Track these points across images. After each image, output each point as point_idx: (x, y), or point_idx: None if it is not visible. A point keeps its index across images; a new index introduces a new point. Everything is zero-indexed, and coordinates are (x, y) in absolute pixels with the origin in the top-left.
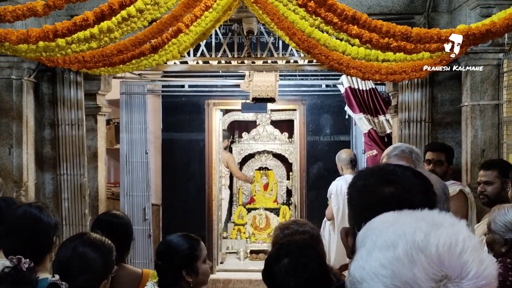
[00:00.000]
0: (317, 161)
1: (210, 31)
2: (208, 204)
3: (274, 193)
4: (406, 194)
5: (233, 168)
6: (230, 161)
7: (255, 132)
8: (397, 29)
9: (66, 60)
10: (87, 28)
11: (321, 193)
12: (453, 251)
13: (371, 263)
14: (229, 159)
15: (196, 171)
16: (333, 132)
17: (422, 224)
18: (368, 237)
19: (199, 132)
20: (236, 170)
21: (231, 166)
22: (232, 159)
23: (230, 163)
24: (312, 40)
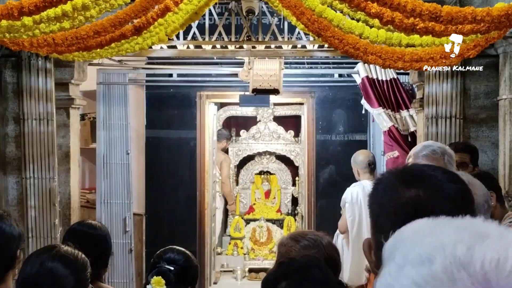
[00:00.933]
0: (328, 164)
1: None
2: (199, 214)
3: (277, 201)
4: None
5: (224, 172)
6: (224, 163)
7: (255, 130)
8: (424, 7)
9: (33, 43)
10: (58, 4)
11: (333, 202)
12: (501, 268)
13: (402, 280)
14: (225, 160)
15: (185, 176)
16: (347, 130)
17: (464, 235)
18: (398, 249)
19: (190, 129)
20: (225, 175)
21: (223, 168)
22: (228, 162)
23: (223, 165)
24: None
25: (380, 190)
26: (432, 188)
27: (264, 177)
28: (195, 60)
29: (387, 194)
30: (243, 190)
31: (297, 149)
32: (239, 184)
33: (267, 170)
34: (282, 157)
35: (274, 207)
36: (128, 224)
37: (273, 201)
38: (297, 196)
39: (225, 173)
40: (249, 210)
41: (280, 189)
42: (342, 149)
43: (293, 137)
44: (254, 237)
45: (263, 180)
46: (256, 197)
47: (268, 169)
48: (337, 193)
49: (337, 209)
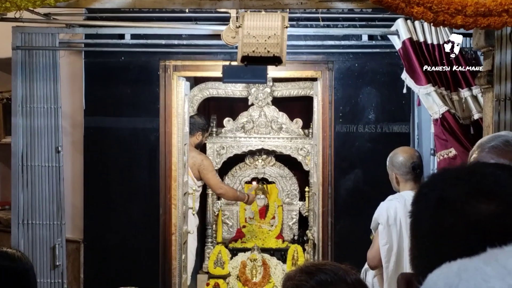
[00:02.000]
0: (353, 168)
1: None
2: (164, 240)
3: (277, 222)
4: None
5: (211, 179)
6: (204, 167)
7: (246, 118)
8: None
9: None
10: None
11: (360, 223)
12: None
13: None
14: (203, 164)
15: (143, 184)
16: (381, 118)
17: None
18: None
19: (150, 116)
20: (215, 182)
21: (205, 175)
22: (207, 164)
23: (204, 171)
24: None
25: (433, 199)
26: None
27: (259, 188)
28: (158, 15)
29: (446, 208)
30: (228, 207)
31: (307, 146)
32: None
33: (263, 177)
34: (285, 158)
35: (273, 230)
36: (58, 255)
37: (272, 222)
38: (307, 215)
39: (213, 180)
40: (236, 235)
41: (282, 205)
42: (374, 146)
43: (301, 128)
44: (244, 275)
45: (257, 191)
46: (246, 217)
47: (265, 175)
48: (366, 210)
49: (365, 234)
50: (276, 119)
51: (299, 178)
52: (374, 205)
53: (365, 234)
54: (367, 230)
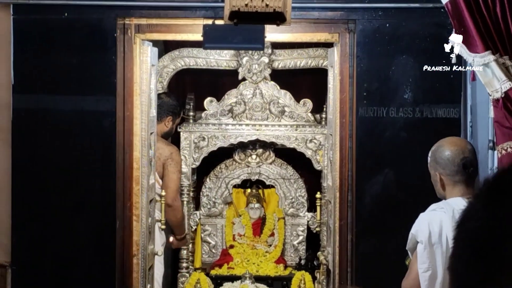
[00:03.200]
0: (382, 167)
1: None
2: (121, 265)
3: (278, 241)
4: None
5: (172, 182)
6: (171, 163)
7: (236, 98)
8: None
9: None
10: None
11: (390, 242)
12: None
13: None
14: (171, 158)
15: (94, 188)
16: (420, 98)
17: None
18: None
19: (103, 95)
20: (174, 189)
21: (169, 173)
22: (177, 161)
23: (169, 168)
24: None
25: (500, 215)
26: None
27: (252, 194)
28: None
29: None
30: (210, 219)
31: (319, 136)
32: (202, 207)
33: (258, 180)
34: (289, 154)
35: (271, 252)
36: None
37: (271, 240)
38: (318, 231)
39: (172, 183)
40: (221, 258)
41: (284, 218)
42: (410, 136)
43: (310, 112)
44: None
45: (250, 198)
46: (235, 233)
47: (261, 176)
48: (400, 225)
49: (399, 257)
50: (277, 99)
51: (308, 181)
52: (411, 217)
53: (399, 257)
54: (402, 251)
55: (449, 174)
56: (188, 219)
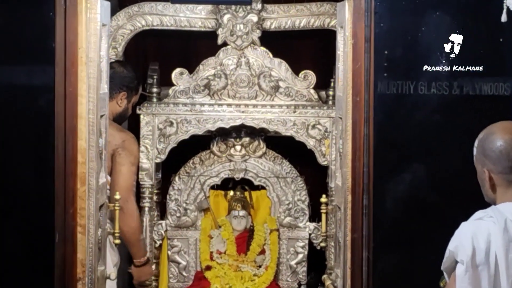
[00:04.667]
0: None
1: None
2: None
3: (269, 260)
4: None
5: (123, 176)
6: (121, 153)
7: (214, 70)
8: None
9: None
10: None
11: (420, 260)
12: None
13: None
14: (122, 147)
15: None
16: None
17: None
18: None
19: (38, 64)
20: (127, 187)
21: (118, 166)
22: (131, 150)
23: (119, 159)
24: None
25: None
26: None
27: (236, 197)
28: None
29: None
30: (179, 232)
31: (325, 121)
32: (169, 215)
33: (244, 179)
34: (285, 144)
35: (261, 276)
36: None
37: (260, 259)
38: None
39: (123, 179)
40: (194, 284)
41: (279, 229)
42: (448, 119)
43: (312, 88)
44: None
45: (233, 203)
46: (214, 250)
47: (248, 174)
48: (434, 237)
49: (432, 278)
50: (269, 71)
51: (310, 180)
52: (447, 227)
53: (431, 280)
54: (434, 272)
55: (501, 171)
56: (151, 231)
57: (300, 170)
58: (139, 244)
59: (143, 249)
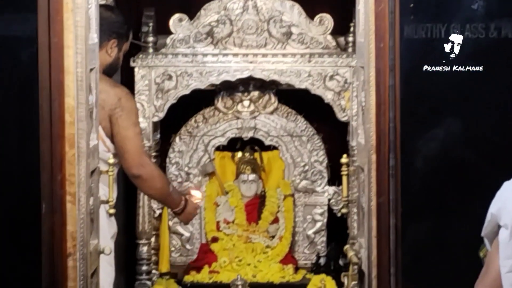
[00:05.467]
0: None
1: None
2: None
3: (284, 230)
4: None
5: (130, 140)
6: (121, 112)
7: (218, 15)
8: None
9: None
10: None
11: (456, 227)
12: None
13: None
14: (119, 105)
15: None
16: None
17: None
18: None
19: (18, 12)
20: (136, 148)
21: (121, 129)
22: (129, 108)
23: (119, 120)
24: None
25: None
26: None
27: (245, 159)
28: None
29: None
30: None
31: (344, 71)
32: (169, 180)
33: (253, 138)
34: (299, 98)
35: (275, 247)
36: None
37: (273, 229)
38: (345, 213)
39: (131, 143)
40: (199, 258)
41: (294, 195)
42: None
43: (329, 34)
44: None
45: (242, 166)
46: (221, 219)
47: (258, 134)
48: (470, 200)
49: (468, 247)
50: (279, 15)
51: (329, 139)
52: (487, 189)
53: (467, 249)
54: (472, 240)
55: None
56: (148, 199)
57: (317, 128)
58: (170, 198)
59: (176, 198)
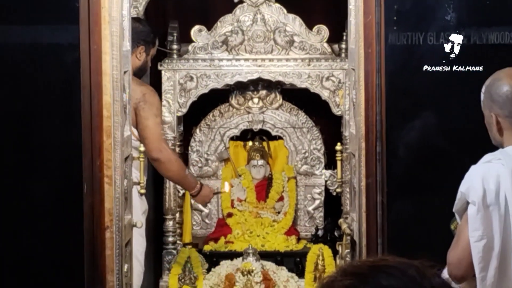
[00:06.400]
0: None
1: None
2: (91, 240)
3: (288, 207)
4: None
5: (150, 129)
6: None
7: (231, 26)
8: None
9: None
10: None
11: (432, 203)
12: None
13: None
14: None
15: (54, 143)
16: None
17: None
18: None
19: (63, 23)
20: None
21: (143, 119)
22: (152, 102)
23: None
24: None
25: None
26: None
27: (254, 147)
28: None
29: None
30: (201, 181)
31: (338, 73)
32: (191, 165)
33: (262, 130)
34: (301, 96)
35: (280, 221)
36: None
37: (279, 206)
38: (340, 192)
39: (150, 132)
40: (217, 231)
41: (296, 177)
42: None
43: (326, 42)
44: None
45: (252, 153)
46: (235, 198)
47: (265, 125)
48: (444, 182)
49: (443, 221)
50: (283, 26)
51: (325, 130)
52: (458, 171)
53: (442, 223)
54: (446, 215)
55: (508, 115)
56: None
57: (315, 120)
58: (186, 180)
59: (192, 182)
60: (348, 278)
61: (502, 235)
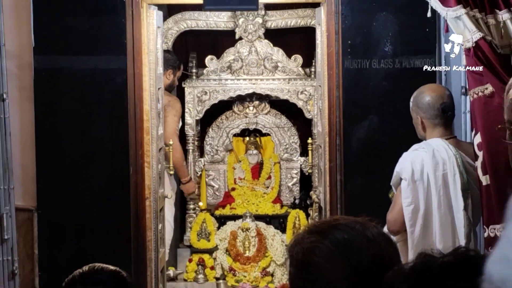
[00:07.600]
0: (367, 114)
1: None
2: (135, 208)
3: (274, 183)
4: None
5: (169, 123)
6: (168, 108)
7: (234, 55)
8: None
9: None
10: None
11: (376, 180)
12: None
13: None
14: (168, 104)
15: (109, 138)
16: (399, 49)
17: None
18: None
19: (115, 54)
20: (171, 129)
21: (166, 117)
22: (174, 107)
23: (166, 112)
24: None
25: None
26: None
27: (250, 142)
28: None
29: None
30: (213, 165)
31: (309, 88)
32: (206, 154)
33: (255, 129)
34: (283, 104)
35: (269, 193)
36: (7, 227)
37: (268, 183)
38: (310, 172)
39: (168, 125)
40: (224, 200)
41: (280, 162)
42: (392, 85)
43: (300, 67)
44: (235, 249)
45: (248, 146)
46: (236, 177)
47: (258, 125)
48: (384, 165)
49: (383, 193)
50: (270, 56)
51: (300, 128)
52: (393, 157)
53: (383, 193)
54: (386, 188)
55: (429, 117)
56: (194, 165)
57: (293, 122)
58: (183, 168)
59: (186, 172)
60: (313, 235)
61: (425, 201)
